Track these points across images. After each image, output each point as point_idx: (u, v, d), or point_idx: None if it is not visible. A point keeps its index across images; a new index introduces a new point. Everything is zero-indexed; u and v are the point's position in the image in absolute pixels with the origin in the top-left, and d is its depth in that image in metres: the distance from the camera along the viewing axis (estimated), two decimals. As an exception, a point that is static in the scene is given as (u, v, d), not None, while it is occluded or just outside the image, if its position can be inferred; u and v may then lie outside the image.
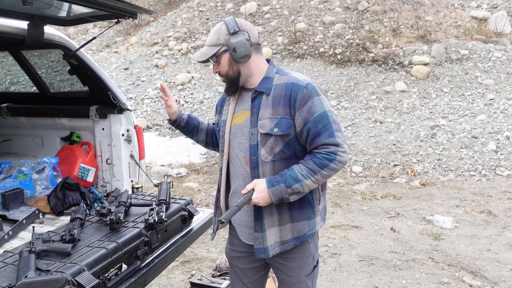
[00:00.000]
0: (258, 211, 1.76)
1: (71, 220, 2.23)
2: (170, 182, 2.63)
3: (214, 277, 3.19)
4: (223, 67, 1.76)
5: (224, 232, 4.48)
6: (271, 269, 2.04)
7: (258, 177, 1.74)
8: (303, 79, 1.74)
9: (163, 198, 2.45)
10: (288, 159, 1.73)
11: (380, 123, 7.94)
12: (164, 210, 2.34)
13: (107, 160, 3.23)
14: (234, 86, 1.80)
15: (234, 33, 1.71)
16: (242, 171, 1.81)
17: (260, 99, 1.75)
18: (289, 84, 1.72)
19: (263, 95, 1.75)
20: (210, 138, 2.11)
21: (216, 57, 1.75)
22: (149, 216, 2.26)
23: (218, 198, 1.95)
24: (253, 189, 1.68)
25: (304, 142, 1.72)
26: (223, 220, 1.60)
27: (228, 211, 1.64)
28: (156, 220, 2.23)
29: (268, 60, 1.84)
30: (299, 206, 1.76)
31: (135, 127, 3.18)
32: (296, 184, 1.65)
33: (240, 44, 1.70)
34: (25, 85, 3.87)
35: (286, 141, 1.71)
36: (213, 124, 2.06)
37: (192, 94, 9.91)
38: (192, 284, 3.01)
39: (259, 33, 11.70)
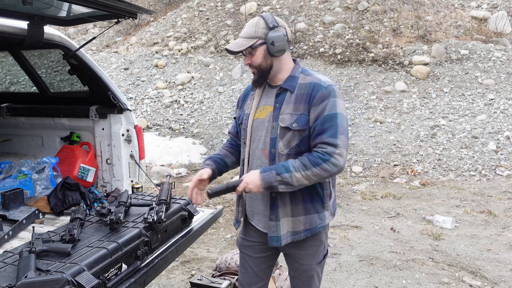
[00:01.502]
0: (273, 201, 1.85)
1: (71, 220, 2.23)
2: (172, 183, 2.64)
3: (214, 277, 3.19)
4: (257, 58, 1.83)
5: (224, 232, 4.48)
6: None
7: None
8: (325, 80, 1.84)
9: (163, 198, 2.45)
10: (302, 154, 1.80)
11: (380, 123, 7.94)
12: (164, 210, 2.34)
13: (107, 160, 3.23)
14: (263, 78, 1.88)
15: (273, 27, 1.80)
16: (260, 162, 1.89)
17: (284, 95, 1.85)
18: (312, 83, 1.82)
19: (287, 92, 1.84)
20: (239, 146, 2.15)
21: (252, 49, 1.82)
22: (148, 215, 2.26)
23: None
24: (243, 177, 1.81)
25: (311, 137, 1.80)
26: (209, 191, 1.78)
27: (217, 186, 1.80)
28: (155, 219, 2.23)
29: (294, 60, 1.93)
30: (310, 199, 1.86)
31: (135, 127, 3.18)
32: (286, 174, 1.72)
33: (278, 39, 1.79)
34: (25, 85, 3.87)
35: (302, 136, 1.79)
36: (234, 118, 2.13)
37: (192, 94, 9.91)
38: (192, 284, 3.01)
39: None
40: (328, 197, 1.91)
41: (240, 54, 1.86)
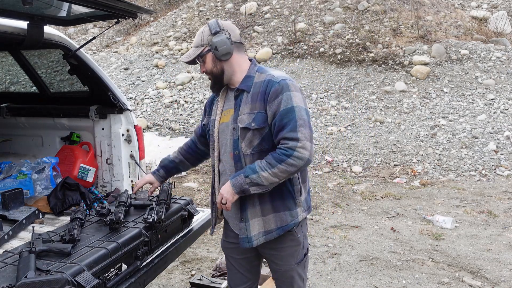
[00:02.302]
0: (242, 203, 1.87)
1: (71, 220, 2.22)
2: (172, 183, 2.64)
3: (214, 277, 3.19)
4: (208, 65, 1.88)
5: (224, 232, 4.47)
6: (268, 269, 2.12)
7: (241, 169, 1.85)
8: (279, 75, 1.84)
9: (163, 198, 2.45)
10: (267, 152, 1.81)
11: (380, 123, 7.94)
12: (164, 211, 2.35)
13: (107, 160, 3.23)
14: (218, 83, 1.93)
15: (216, 33, 1.84)
16: (229, 166, 1.92)
17: (242, 96, 1.87)
18: (265, 80, 1.83)
19: (244, 92, 1.86)
20: (199, 152, 2.27)
21: (201, 57, 1.87)
22: (148, 215, 2.26)
23: (213, 194, 2.06)
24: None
25: (272, 135, 1.82)
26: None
27: None
28: (155, 219, 2.23)
29: (250, 60, 1.95)
30: (280, 197, 1.86)
31: (135, 127, 3.17)
32: (253, 175, 1.74)
33: (221, 43, 1.81)
34: (25, 85, 3.87)
35: (263, 134, 1.81)
36: (203, 124, 2.15)
37: (192, 94, 9.91)
38: (192, 284, 3.01)
39: (259, 33, 11.72)
40: (298, 193, 1.90)
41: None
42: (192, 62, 1.90)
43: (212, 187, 2.08)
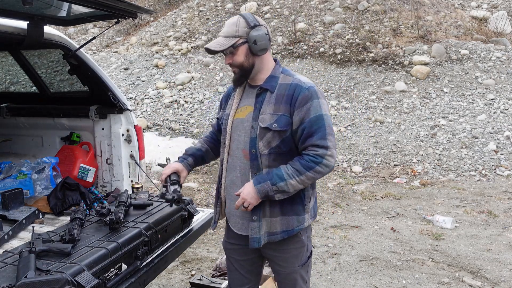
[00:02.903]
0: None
1: (71, 220, 2.22)
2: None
3: (214, 277, 3.19)
4: (239, 58, 1.81)
5: (224, 232, 4.47)
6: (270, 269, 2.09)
7: (258, 168, 1.82)
8: (306, 81, 1.83)
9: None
10: (284, 154, 1.81)
11: (380, 123, 7.94)
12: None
13: (107, 160, 3.23)
14: (244, 77, 1.87)
15: (255, 26, 1.79)
16: (240, 163, 1.88)
17: (264, 95, 1.83)
18: (293, 84, 1.80)
19: (267, 92, 1.83)
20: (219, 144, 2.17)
21: (233, 48, 1.79)
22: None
23: (219, 189, 2.02)
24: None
25: (297, 141, 1.79)
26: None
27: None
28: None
29: (275, 60, 1.93)
30: (290, 201, 1.83)
31: (135, 127, 3.17)
32: (281, 183, 1.72)
33: (260, 37, 1.78)
34: (25, 85, 3.87)
35: (283, 137, 1.78)
36: (217, 119, 2.11)
37: (192, 94, 9.91)
38: (192, 284, 3.01)
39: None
40: (308, 199, 1.89)
41: (220, 53, 1.85)
42: (217, 52, 1.81)
43: (218, 181, 2.04)
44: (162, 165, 7.18)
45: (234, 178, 1.92)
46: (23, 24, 2.50)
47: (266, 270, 2.79)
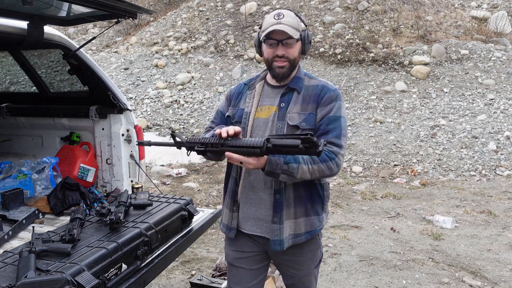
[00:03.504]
0: (277, 203, 1.80)
1: (71, 220, 2.22)
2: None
3: (214, 277, 3.18)
4: (295, 52, 1.79)
5: (224, 232, 4.47)
6: (269, 269, 2.06)
7: None
8: (331, 84, 1.87)
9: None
10: None
11: (380, 123, 7.94)
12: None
13: (107, 160, 3.23)
14: (290, 73, 1.83)
15: (306, 27, 1.83)
16: None
17: (291, 95, 1.83)
18: (319, 86, 1.83)
19: (294, 92, 1.83)
20: None
21: (296, 41, 1.77)
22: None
23: (236, 191, 1.89)
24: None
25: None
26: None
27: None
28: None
29: None
30: (311, 200, 1.84)
31: (135, 127, 3.18)
32: (294, 164, 1.65)
33: (311, 40, 1.83)
34: (25, 85, 3.87)
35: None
36: (227, 116, 1.95)
37: (192, 94, 9.91)
38: (192, 284, 3.01)
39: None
40: (327, 199, 1.91)
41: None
42: (286, 38, 1.73)
43: (234, 184, 1.90)
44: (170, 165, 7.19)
45: (255, 181, 1.83)
46: (23, 24, 2.50)
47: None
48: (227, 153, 1.59)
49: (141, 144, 1.86)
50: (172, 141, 1.74)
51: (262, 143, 1.57)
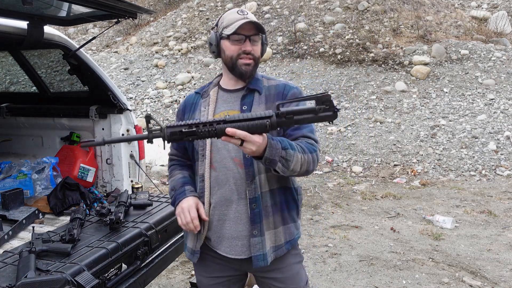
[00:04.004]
0: (254, 213, 1.63)
1: (71, 220, 2.23)
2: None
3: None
4: (259, 50, 1.72)
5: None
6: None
7: (253, 176, 1.62)
8: (292, 83, 1.79)
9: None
10: None
11: (380, 123, 7.94)
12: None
13: (107, 160, 3.23)
14: (254, 73, 1.73)
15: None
16: (232, 173, 1.65)
17: (252, 97, 1.71)
18: (281, 85, 1.75)
19: (255, 93, 1.71)
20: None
21: (262, 37, 1.71)
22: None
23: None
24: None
25: (284, 134, 1.68)
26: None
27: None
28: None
29: None
30: (287, 206, 1.71)
31: (135, 127, 3.18)
32: (291, 151, 1.50)
33: (267, 43, 1.77)
34: (25, 85, 3.88)
35: (280, 134, 1.67)
36: None
37: (192, 94, 9.91)
38: (192, 284, 3.01)
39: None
40: (300, 202, 1.78)
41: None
42: (257, 31, 1.65)
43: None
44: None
45: (227, 193, 1.66)
46: (23, 24, 2.51)
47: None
48: (229, 130, 1.38)
49: (91, 145, 1.50)
50: (143, 132, 1.45)
51: (272, 113, 1.39)
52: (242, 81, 1.73)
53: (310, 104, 1.44)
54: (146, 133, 1.46)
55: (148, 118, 1.42)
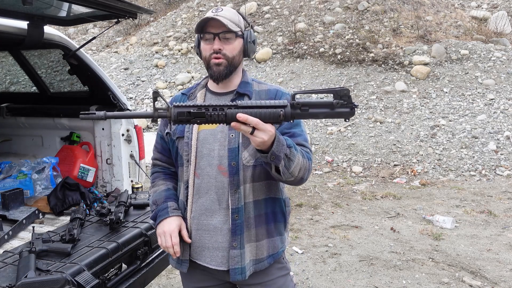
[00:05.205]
0: (236, 225, 1.56)
1: (71, 220, 2.23)
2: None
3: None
4: (234, 50, 1.58)
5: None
6: None
7: (238, 185, 1.55)
8: (283, 88, 1.71)
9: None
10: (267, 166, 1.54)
11: (380, 123, 7.94)
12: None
13: (107, 160, 3.23)
14: (229, 74, 1.60)
15: (251, 27, 1.67)
16: (215, 182, 1.58)
17: (241, 101, 1.64)
18: (272, 90, 1.66)
19: (244, 97, 1.62)
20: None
21: (235, 36, 1.58)
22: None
23: (186, 218, 1.64)
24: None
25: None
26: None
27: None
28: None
29: None
30: (274, 219, 1.65)
31: (135, 127, 3.18)
32: (294, 150, 1.44)
33: (255, 40, 1.65)
34: (25, 85, 3.87)
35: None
36: (167, 134, 1.73)
37: (192, 94, 9.92)
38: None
39: (259, 33, 11.74)
40: (288, 215, 1.71)
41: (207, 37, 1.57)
42: (225, 29, 1.54)
43: (183, 208, 1.65)
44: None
45: (207, 202, 1.59)
46: (23, 24, 2.51)
47: None
48: (240, 115, 1.27)
49: (92, 118, 1.33)
50: (148, 109, 1.41)
51: (287, 103, 1.28)
52: (215, 83, 1.63)
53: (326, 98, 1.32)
54: (151, 111, 1.34)
55: (155, 94, 1.30)
